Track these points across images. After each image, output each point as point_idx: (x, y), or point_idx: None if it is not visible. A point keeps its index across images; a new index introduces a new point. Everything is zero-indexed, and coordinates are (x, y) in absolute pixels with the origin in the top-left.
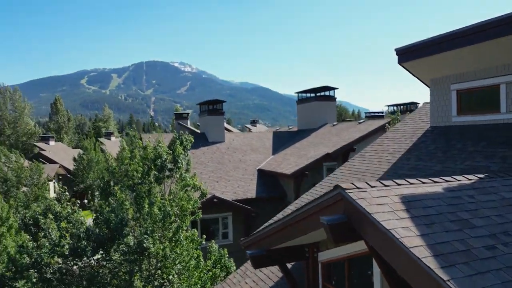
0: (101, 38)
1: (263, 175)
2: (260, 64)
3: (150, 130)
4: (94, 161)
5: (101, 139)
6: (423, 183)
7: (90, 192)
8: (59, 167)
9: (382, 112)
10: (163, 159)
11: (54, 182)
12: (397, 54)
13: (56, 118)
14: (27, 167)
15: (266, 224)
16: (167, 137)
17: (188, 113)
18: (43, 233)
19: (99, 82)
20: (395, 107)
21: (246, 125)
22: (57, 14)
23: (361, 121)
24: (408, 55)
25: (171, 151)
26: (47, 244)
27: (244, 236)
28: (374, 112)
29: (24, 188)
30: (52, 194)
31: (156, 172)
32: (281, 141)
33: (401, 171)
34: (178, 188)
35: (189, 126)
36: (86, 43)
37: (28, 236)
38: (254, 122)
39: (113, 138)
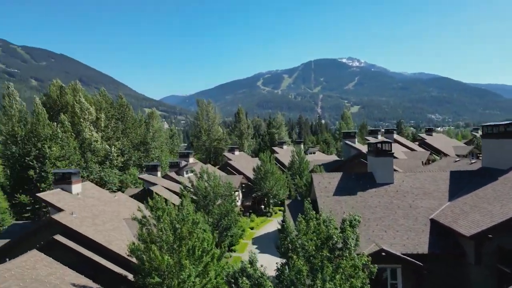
0: (274, 41)
1: (436, 226)
2: (438, 51)
3: (317, 130)
4: (269, 172)
5: (275, 148)
6: None
7: (266, 199)
8: (243, 177)
9: None
10: (334, 241)
11: (239, 191)
12: None
13: (239, 126)
14: (222, 184)
15: None
16: (335, 176)
17: (355, 132)
18: None
19: (273, 83)
20: None
21: (421, 134)
22: (238, 25)
23: None
24: None
25: (341, 231)
26: None
27: None
28: None
29: (219, 201)
30: (238, 203)
31: (328, 253)
32: (460, 182)
33: None
34: (348, 265)
35: (356, 145)
36: (262, 47)
37: None
38: (429, 131)
39: (285, 147)
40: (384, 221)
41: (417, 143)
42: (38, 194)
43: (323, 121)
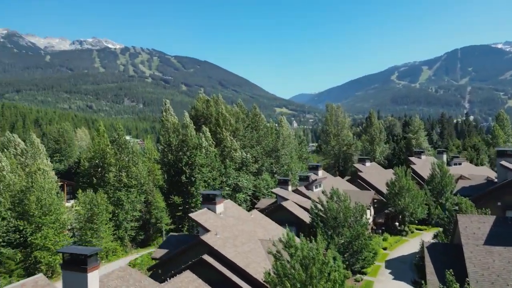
0: (412, 30)
1: None
2: None
3: (463, 130)
4: (405, 188)
5: (411, 158)
6: None
7: (401, 216)
8: (375, 193)
9: None
10: None
11: (370, 207)
12: None
13: (370, 131)
14: (352, 207)
15: None
16: (487, 221)
17: None
18: None
19: (409, 76)
20: None
21: None
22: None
23: None
24: None
25: None
26: None
27: None
28: None
29: (350, 219)
30: (369, 219)
31: None
32: None
33: None
34: None
35: None
36: (397, 39)
37: None
38: None
39: (423, 157)
40: None
41: None
42: (190, 215)
43: (471, 118)
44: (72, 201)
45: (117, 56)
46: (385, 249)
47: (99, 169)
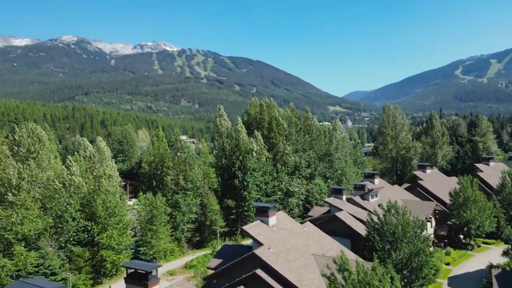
0: (478, 22)
1: None
2: None
3: None
4: (470, 200)
5: (478, 165)
6: None
7: (465, 228)
8: (436, 204)
9: None
10: None
11: (431, 219)
12: None
13: (432, 133)
14: (412, 221)
15: None
16: None
17: None
18: None
19: (475, 70)
20: None
21: None
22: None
23: None
24: None
25: None
26: None
27: None
28: None
29: (410, 233)
30: (430, 230)
31: None
32: None
33: None
34: None
35: None
36: (462, 31)
37: None
38: None
39: (492, 163)
40: None
41: None
42: (243, 227)
43: None
44: (133, 200)
45: (174, 58)
46: (447, 264)
47: (158, 172)
